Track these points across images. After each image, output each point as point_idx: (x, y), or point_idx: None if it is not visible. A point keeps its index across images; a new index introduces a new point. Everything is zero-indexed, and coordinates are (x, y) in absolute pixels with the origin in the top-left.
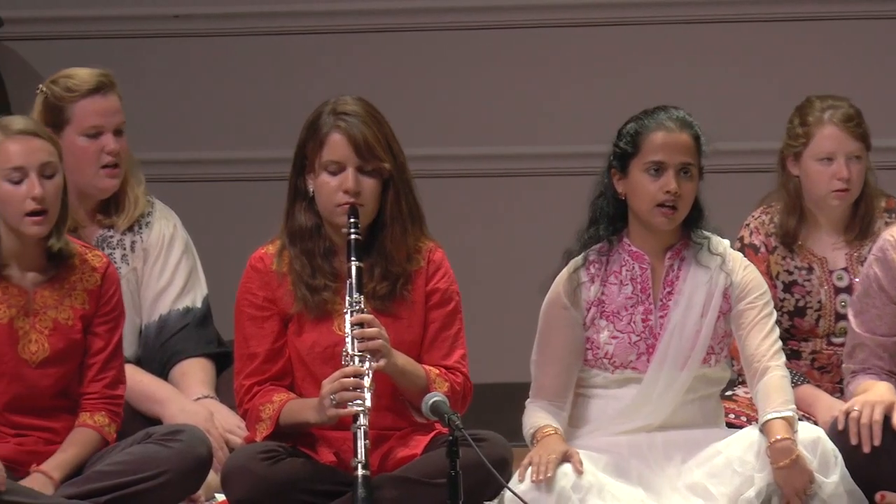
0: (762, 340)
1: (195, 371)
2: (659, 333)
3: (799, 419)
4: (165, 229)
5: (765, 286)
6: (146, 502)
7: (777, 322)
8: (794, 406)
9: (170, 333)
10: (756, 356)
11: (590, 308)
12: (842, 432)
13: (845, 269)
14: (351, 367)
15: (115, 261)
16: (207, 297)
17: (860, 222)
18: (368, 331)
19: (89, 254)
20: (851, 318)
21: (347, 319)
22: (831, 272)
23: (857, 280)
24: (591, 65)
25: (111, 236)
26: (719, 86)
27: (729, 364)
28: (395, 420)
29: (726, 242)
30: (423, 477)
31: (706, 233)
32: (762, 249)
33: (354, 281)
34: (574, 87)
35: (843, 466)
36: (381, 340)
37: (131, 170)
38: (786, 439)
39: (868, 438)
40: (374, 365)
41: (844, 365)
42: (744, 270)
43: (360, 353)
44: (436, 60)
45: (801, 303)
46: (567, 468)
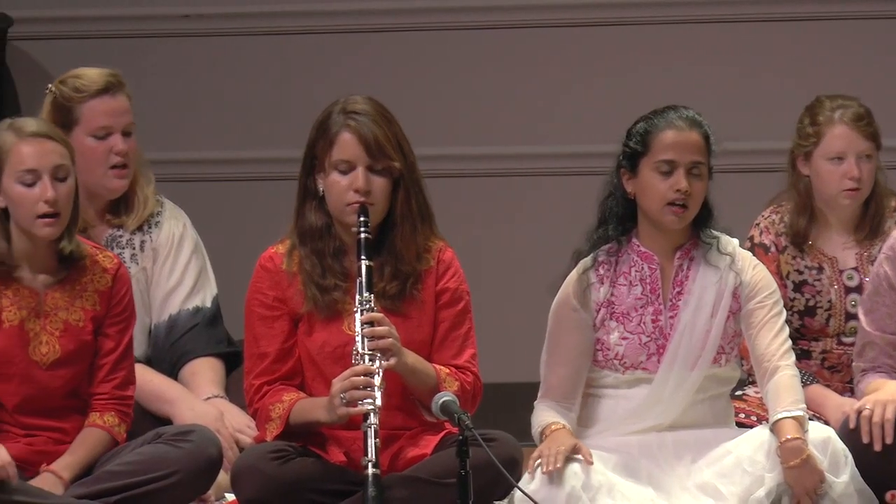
0: (772, 340)
1: (205, 371)
2: (669, 334)
3: (809, 419)
4: (175, 229)
5: (774, 285)
6: (156, 503)
7: (787, 322)
8: (805, 405)
9: (179, 333)
10: (766, 356)
11: (599, 309)
12: (852, 431)
13: (855, 269)
14: (361, 366)
15: (125, 260)
16: (217, 297)
17: (870, 222)
18: (379, 329)
19: (100, 255)
20: (862, 317)
21: (357, 318)
22: (841, 272)
23: (868, 279)
24: (601, 64)
25: (120, 236)
26: (724, 86)
27: (739, 364)
28: (406, 420)
29: (735, 242)
30: (433, 477)
31: (715, 232)
32: (772, 249)
33: (364, 279)
34: (583, 87)
35: (854, 466)
36: (392, 339)
37: (141, 169)
38: (796, 439)
39: (880, 437)
40: (385, 363)
41: (854, 363)
42: (753, 270)
43: (371, 352)
44: (442, 60)
45: (812, 302)
46: (576, 468)
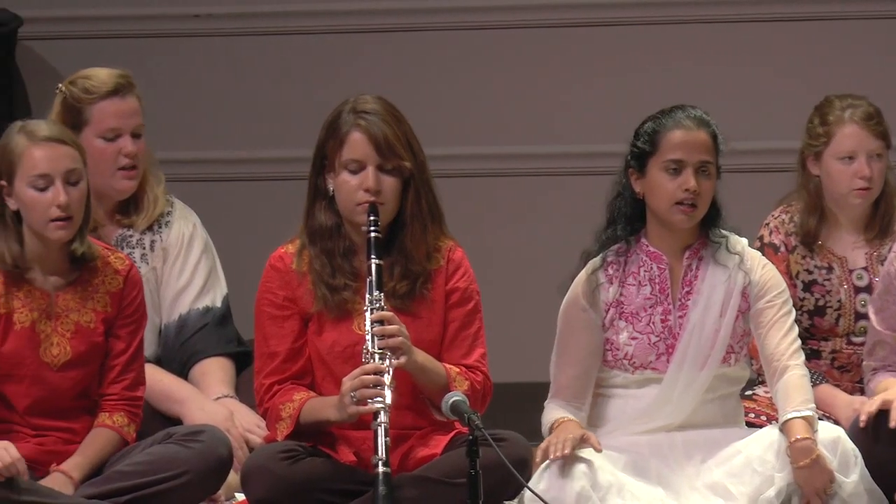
0: (781, 339)
1: (215, 370)
2: (678, 333)
3: (819, 419)
4: (185, 228)
5: (783, 285)
6: (166, 503)
7: (797, 321)
8: (814, 405)
9: (189, 333)
10: (775, 355)
11: (609, 309)
12: (862, 431)
13: (865, 269)
14: (371, 365)
15: (135, 260)
16: (227, 297)
17: (880, 221)
18: (389, 328)
19: (112, 256)
20: (872, 316)
21: (368, 317)
22: (851, 271)
23: (877, 279)
24: (611, 64)
25: (130, 236)
26: (733, 85)
27: (748, 363)
28: (415, 419)
29: (744, 241)
30: (443, 476)
31: (724, 232)
32: (782, 249)
33: (375, 278)
34: (592, 87)
35: (863, 466)
36: (402, 338)
37: (150, 169)
38: (806, 439)
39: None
40: (395, 362)
41: (865, 362)
42: (762, 269)
43: (381, 351)
44: (451, 60)
45: (821, 302)
46: (585, 468)
